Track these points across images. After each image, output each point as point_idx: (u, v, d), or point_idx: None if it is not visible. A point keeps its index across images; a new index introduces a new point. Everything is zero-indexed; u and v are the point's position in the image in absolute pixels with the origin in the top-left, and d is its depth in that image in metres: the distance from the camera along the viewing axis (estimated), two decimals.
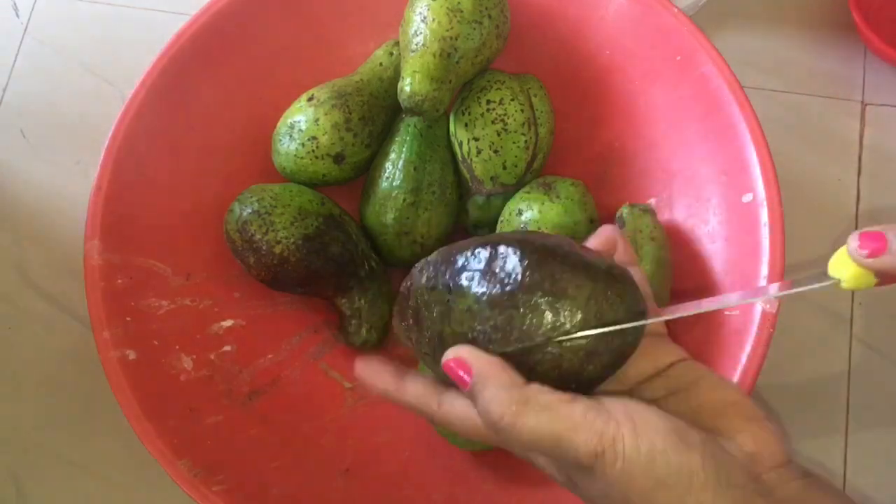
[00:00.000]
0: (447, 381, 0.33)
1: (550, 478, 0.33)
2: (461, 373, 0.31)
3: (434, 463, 0.53)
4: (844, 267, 0.32)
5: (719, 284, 0.50)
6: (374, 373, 0.35)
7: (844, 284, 0.31)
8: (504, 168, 0.54)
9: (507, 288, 0.31)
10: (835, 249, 0.62)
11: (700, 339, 0.48)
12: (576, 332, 0.30)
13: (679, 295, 0.51)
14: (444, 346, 0.33)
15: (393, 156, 0.54)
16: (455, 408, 0.33)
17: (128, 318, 0.50)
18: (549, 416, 0.29)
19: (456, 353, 0.31)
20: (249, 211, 0.51)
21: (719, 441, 0.30)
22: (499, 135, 0.53)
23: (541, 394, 0.30)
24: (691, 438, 0.29)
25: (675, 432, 0.29)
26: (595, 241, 0.37)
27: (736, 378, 0.45)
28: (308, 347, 0.56)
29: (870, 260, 0.31)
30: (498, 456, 0.52)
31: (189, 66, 0.54)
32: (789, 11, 0.66)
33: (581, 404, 0.29)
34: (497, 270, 0.32)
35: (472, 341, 0.32)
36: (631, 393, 0.33)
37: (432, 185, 0.54)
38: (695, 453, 0.28)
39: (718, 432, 0.30)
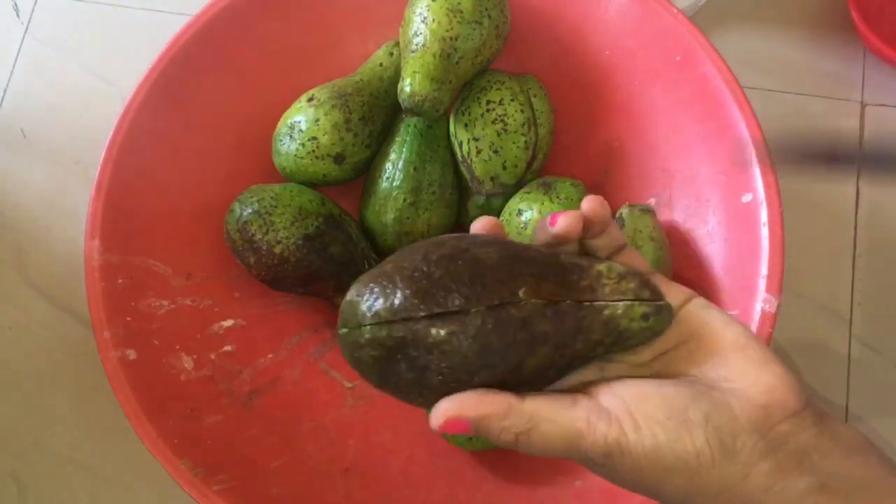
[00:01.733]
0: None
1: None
2: (457, 426, 0.30)
3: (434, 463, 0.53)
4: None
5: (719, 284, 0.50)
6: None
7: None
8: (504, 168, 0.54)
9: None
10: (834, 250, 0.62)
11: None
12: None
13: None
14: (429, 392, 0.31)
15: (393, 156, 0.54)
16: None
17: (128, 318, 0.50)
18: (554, 428, 0.30)
19: (437, 418, 0.30)
20: (250, 211, 0.51)
21: (728, 396, 0.30)
22: (499, 135, 0.53)
23: (541, 408, 0.30)
24: (694, 418, 0.29)
25: (676, 418, 0.29)
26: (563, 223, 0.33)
27: None
28: (308, 347, 0.56)
29: None
30: (498, 456, 0.52)
31: (189, 66, 0.54)
32: (789, 11, 0.66)
33: (581, 409, 0.30)
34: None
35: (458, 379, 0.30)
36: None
37: (432, 185, 0.54)
38: (698, 433, 0.29)
39: (728, 380, 0.30)
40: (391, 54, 0.57)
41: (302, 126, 0.54)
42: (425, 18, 0.51)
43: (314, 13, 0.57)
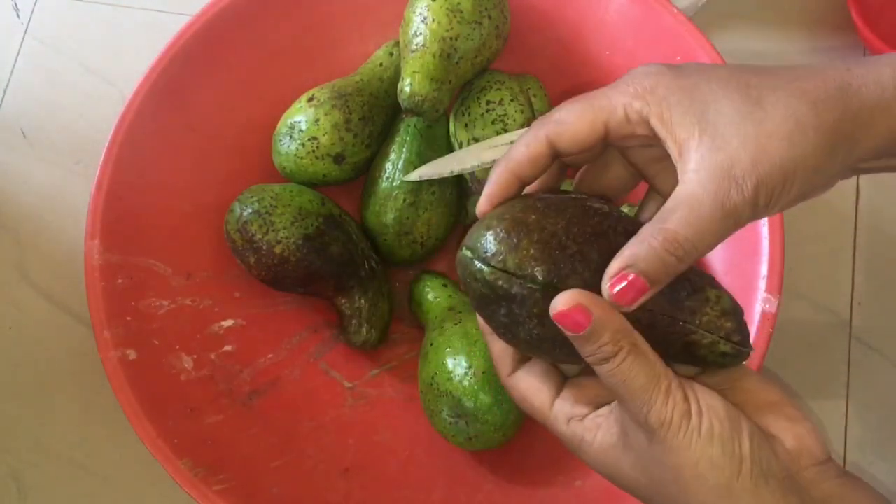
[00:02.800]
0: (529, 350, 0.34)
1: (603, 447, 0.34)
2: (577, 317, 0.30)
3: (434, 463, 0.53)
4: None
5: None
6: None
7: None
8: None
9: None
10: (834, 250, 0.62)
11: None
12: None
13: None
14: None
15: (393, 156, 0.54)
16: (521, 382, 0.35)
17: (128, 318, 0.50)
18: (648, 366, 0.30)
19: (571, 299, 0.30)
20: (250, 211, 0.51)
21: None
22: (498, 135, 0.53)
23: (644, 344, 0.31)
24: (744, 427, 0.31)
25: (732, 421, 0.30)
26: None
27: None
28: (308, 347, 0.56)
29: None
30: (498, 456, 0.52)
31: (189, 66, 0.54)
32: (789, 12, 0.66)
33: (670, 372, 0.31)
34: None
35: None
36: None
37: (432, 185, 0.54)
38: (746, 441, 0.30)
39: (761, 428, 0.32)
40: (391, 54, 0.57)
41: (302, 126, 0.54)
42: (425, 18, 0.51)
43: (314, 13, 0.57)
